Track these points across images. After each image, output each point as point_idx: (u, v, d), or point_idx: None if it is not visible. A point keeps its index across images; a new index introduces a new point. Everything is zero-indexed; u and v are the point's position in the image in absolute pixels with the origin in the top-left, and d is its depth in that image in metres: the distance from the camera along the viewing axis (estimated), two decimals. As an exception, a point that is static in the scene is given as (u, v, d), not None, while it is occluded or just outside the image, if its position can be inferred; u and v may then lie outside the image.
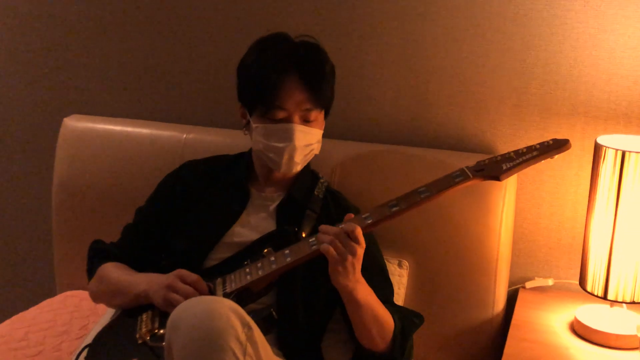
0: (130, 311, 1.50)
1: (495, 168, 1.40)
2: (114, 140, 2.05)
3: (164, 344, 1.30)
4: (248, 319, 1.14)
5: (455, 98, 1.79)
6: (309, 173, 1.63)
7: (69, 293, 2.06)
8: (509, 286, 1.76)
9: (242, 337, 1.11)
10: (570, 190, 1.74)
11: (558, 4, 1.66)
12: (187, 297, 1.35)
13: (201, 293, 1.38)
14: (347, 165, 1.79)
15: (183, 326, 1.11)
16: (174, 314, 1.15)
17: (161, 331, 1.36)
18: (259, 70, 1.48)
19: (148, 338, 1.37)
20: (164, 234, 1.60)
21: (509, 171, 1.39)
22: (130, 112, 2.12)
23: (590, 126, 1.69)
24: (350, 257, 1.31)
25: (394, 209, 1.40)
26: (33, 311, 1.96)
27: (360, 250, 1.32)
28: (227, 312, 1.12)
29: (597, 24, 1.64)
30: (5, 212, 2.36)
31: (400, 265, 1.71)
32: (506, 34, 1.71)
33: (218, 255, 1.52)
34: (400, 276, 1.70)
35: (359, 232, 1.32)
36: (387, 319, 1.41)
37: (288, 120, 1.47)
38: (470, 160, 1.44)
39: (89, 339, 1.57)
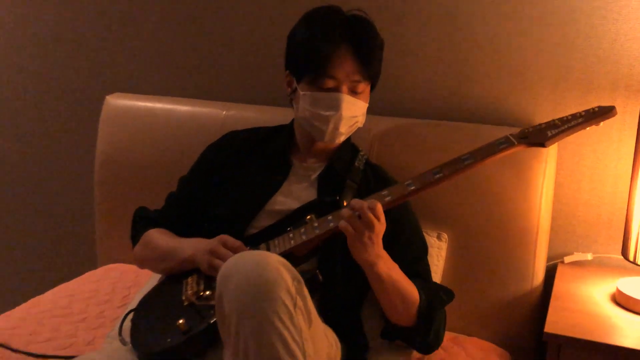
0: (174, 276, 1.52)
1: (540, 135, 1.41)
2: (155, 117, 2.09)
3: (212, 302, 1.33)
4: (297, 273, 1.16)
5: (495, 72, 1.79)
6: (350, 145, 1.64)
7: (110, 266, 2.11)
8: (547, 261, 1.76)
9: (292, 289, 1.13)
10: (611, 165, 1.74)
11: (600, -22, 1.67)
12: None
13: None
14: (385, 140, 1.80)
15: (234, 278, 1.13)
16: (225, 267, 1.17)
17: (207, 292, 1.39)
18: (312, 39, 1.49)
19: (195, 299, 1.39)
20: (206, 202, 1.62)
21: (554, 137, 1.39)
22: (171, 90, 2.17)
23: (632, 100, 1.68)
24: (367, 233, 1.32)
25: (438, 175, 1.40)
26: (76, 282, 2.01)
27: (379, 227, 1.33)
28: (277, 265, 1.14)
29: (640, -2, 1.64)
30: (49, 188, 2.42)
31: (439, 237, 1.72)
32: (547, 8, 1.72)
33: (259, 223, 1.54)
34: (439, 249, 1.71)
35: (379, 208, 1.33)
36: (412, 294, 1.41)
37: (337, 89, 1.48)
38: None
39: (133, 304, 1.60)
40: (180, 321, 1.33)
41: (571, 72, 1.73)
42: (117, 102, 2.13)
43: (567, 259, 1.77)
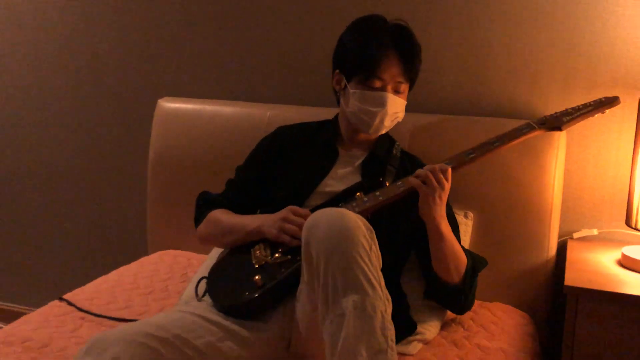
0: (238, 248, 1.73)
1: (556, 121, 1.68)
2: (203, 118, 2.31)
3: (280, 261, 1.56)
4: (368, 224, 1.39)
5: (510, 74, 2.06)
6: (387, 136, 1.88)
7: (163, 252, 2.31)
8: (558, 238, 2.00)
9: (367, 236, 1.36)
10: (612, 153, 2.00)
11: (600, -10, 1.95)
12: (300, 226, 1.59)
13: None
14: (416, 134, 2.05)
15: (321, 225, 1.36)
16: (311, 219, 1.40)
17: (276, 255, 1.61)
18: (363, 45, 1.72)
19: (267, 261, 1.62)
20: (263, 185, 1.84)
21: (569, 122, 1.66)
22: (218, 93, 2.40)
23: (630, 96, 1.94)
24: (439, 190, 1.56)
25: (471, 156, 1.67)
26: (135, 264, 2.21)
27: (448, 186, 1.58)
28: (354, 217, 1.38)
29: (634, 7, 1.92)
30: (105, 182, 2.65)
31: (466, 216, 1.96)
32: (555, 17, 1.99)
33: (312, 202, 1.76)
34: (465, 225, 1.95)
35: (449, 171, 1.58)
36: (462, 255, 1.66)
37: (383, 89, 1.71)
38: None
39: (200, 274, 1.82)
40: (257, 277, 1.56)
41: (577, 72, 2.00)
42: (168, 105, 2.36)
43: (575, 235, 2.02)
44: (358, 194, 1.70)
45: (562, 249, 2.01)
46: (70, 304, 1.87)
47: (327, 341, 1.30)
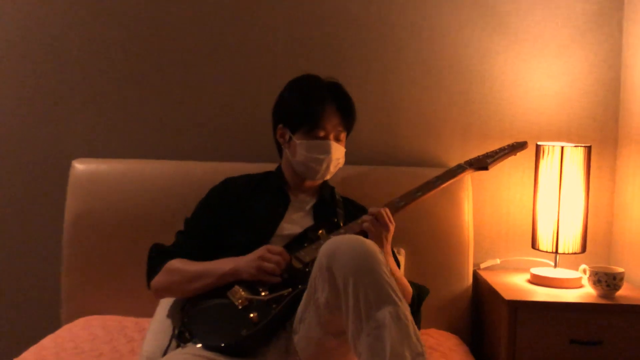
0: (207, 295, 1.76)
1: (482, 162, 2.01)
2: (119, 179, 2.30)
3: (267, 298, 1.65)
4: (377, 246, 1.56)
5: (419, 130, 2.39)
6: (327, 184, 2.08)
7: (88, 317, 2.19)
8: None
9: (383, 258, 1.53)
10: (504, 194, 2.39)
11: (487, 61, 2.37)
12: (277, 263, 1.71)
13: (285, 261, 1.74)
14: (346, 183, 2.23)
15: (342, 249, 1.49)
16: (328, 247, 1.52)
17: (263, 293, 1.69)
18: (305, 100, 1.91)
19: (247, 303, 1.68)
20: (217, 233, 1.90)
21: (493, 162, 2.00)
22: (135, 152, 2.41)
23: (515, 146, 2.36)
24: (384, 232, 1.77)
25: (418, 194, 1.91)
26: (63, 331, 2.09)
27: (392, 227, 1.79)
28: (368, 239, 1.54)
29: (514, 75, 2.37)
30: (13, 253, 2.47)
31: (398, 252, 2.19)
32: (453, 82, 2.38)
33: (273, 245, 1.87)
34: (399, 261, 2.18)
35: (389, 212, 1.80)
36: (408, 286, 1.86)
37: (326, 137, 1.91)
38: (432, 173, 1.99)
39: (157, 330, 1.82)
40: (252, 315, 1.63)
41: (472, 126, 2.38)
42: (83, 166, 2.30)
43: (482, 265, 2.35)
44: (320, 231, 1.85)
45: (473, 278, 2.31)
46: (22, 372, 1.74)
47: (365, 353, 1.42)
